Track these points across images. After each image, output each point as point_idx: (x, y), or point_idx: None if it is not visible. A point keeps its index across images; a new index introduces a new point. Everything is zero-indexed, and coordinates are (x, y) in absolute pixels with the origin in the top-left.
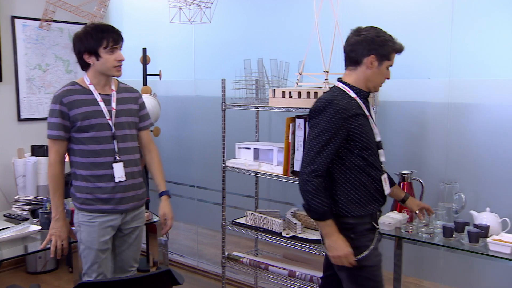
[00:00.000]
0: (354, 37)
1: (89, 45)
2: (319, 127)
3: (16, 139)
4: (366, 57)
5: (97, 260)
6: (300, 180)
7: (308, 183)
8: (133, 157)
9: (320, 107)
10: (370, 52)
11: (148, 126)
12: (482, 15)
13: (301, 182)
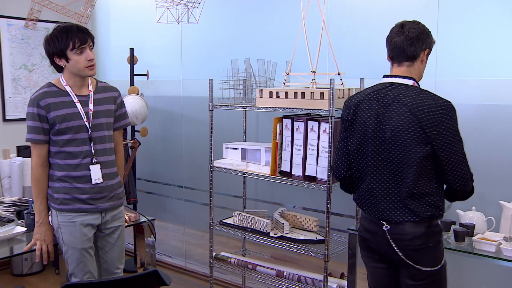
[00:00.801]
0: (411, 31)
1: (56, 48)
2: (458, 130)
3: (2, 140)
4: (422, 51)
5: (83, 259)
6: (470, 185)
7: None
8: (110, 158)
9: (453, 110)
10: (425, 46)
11: (122, 126)
12: (467, 16)
13: (471, 188)
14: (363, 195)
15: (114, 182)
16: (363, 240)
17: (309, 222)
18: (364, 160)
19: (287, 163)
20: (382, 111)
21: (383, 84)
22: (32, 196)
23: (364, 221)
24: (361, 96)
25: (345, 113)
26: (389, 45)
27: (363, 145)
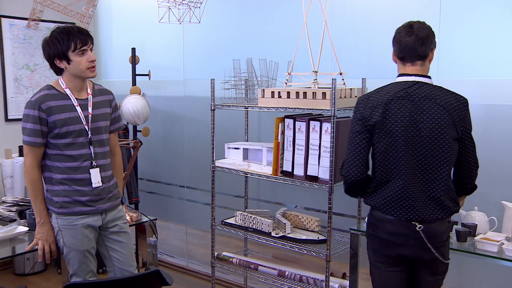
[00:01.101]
0: (422, 31)
1: (57, 50)
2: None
3: (4, 140)
4: (431, 50)
5: (85, 260)
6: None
7: None
8: (108, 161)
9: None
10: (433, 45)
11: (118, 129)
12: (468, 17)
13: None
14: (391, 197)
15: (111, 184)
16: (386, 243)
17: (311, 222)
18: (392, 162)
19: (289, 163)
20: (415, 110)
21: (406, 83)
22: (30, 198)
23: (388, 225)
24: (389, 96)
25: (368, 113)
26: (399, 45)
27: (393, 145)
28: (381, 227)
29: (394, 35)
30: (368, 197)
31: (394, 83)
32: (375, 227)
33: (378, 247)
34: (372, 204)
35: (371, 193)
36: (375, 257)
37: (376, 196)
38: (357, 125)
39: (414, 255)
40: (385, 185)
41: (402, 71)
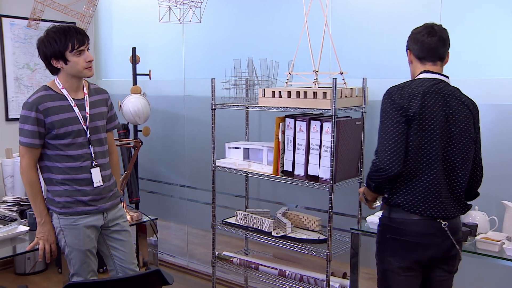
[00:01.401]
0: (443, 32)
1: (54, 50)
2: None
3: (4, 139)
4: (448, 53)
5: (86, 260)
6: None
7: None
8: (107, 160)
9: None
10: (449, 47)
11: (114, 127)
12: (468, 17)
13: None
14: (419, 194)
15: (111, 183)
16: (414, 247)
17: (311, 221)
18: (424, 156)
19: (290, 162)
20: (446, 106)
21: (432, 79)
22: (29, 199)
23: (413, 226)
24: (424, 89)
25: (406, 102)
26: (420, 45)
27: (429, 139)
28: (406, 230)
29: (413, 35)
30: (393, 194)
31: (421, 78)
32: (398, 231)
33: (404, 252)
34: (397, 202)
35: (396, 189)
36: (397, 263)
37: (402, 193)
38: (395, 115)
39: (440, 254)
40: (412, 180)
41: (423, 69)
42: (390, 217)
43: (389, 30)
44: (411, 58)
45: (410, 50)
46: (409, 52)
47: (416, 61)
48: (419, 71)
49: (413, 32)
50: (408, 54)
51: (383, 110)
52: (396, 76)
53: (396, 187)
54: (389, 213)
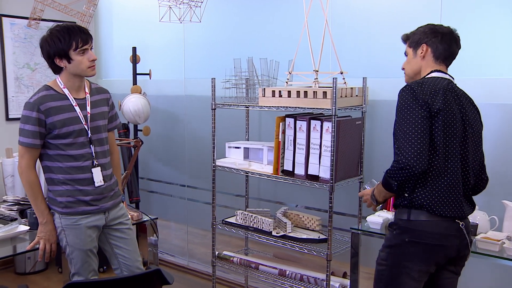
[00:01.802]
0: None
1: (58, 48)
2: None
3: (4, 139)
4: None
5: (88, 260)
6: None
7: None
8: (108, 159)
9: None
10: None
11: (115, 127)
12: (470, 14)
13: None
14: (440, 193)
15: (112, 182)
16: (436, 249)
17: (311, 221)
18: (446, 154)
19: (290, 162)
20: (461, 106)
21: (444, 79)
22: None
23: (436, 228)
24: (442, 86)
25: (430, 98)
26: (447, 49)
27: (452, 137)
28: (428, 232)
29: (440, 34)
30: (416, 194)
31: (435, 77)
32: (418, 234)
33: (426, 255)
34: (421, 203)
35: (420, 189)
36: (417, 266)
37: (427, 192)
38: (419, 109)
39: (457, 254)
40: (437, 179)
41: (434, 68)
42: (409, 219)
43: (389, 30)
44: (427, 54)
45: (429, 46)
46: (426, 47)
47: (431, 59)
48: (430, 70)
49: (437, 30)
50: (423, 49)
51: (404, 106)
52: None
53: (419, 186)
54: (409, 215)
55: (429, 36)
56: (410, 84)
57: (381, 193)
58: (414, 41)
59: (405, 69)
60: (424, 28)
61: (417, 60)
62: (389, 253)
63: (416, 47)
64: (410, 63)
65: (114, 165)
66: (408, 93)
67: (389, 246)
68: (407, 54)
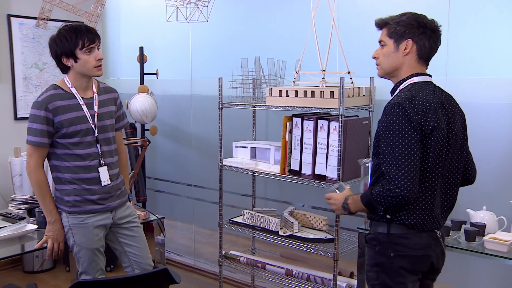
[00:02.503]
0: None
1: (65, 47)
2: None
3: (13, 138)
4: None
5: (95, 258)
6: None
7: None
8: (115, 159)
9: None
10: None
11: (123, 126)
12: (479, 13)
13: None
14: (426, 212)
15: (119, 181)
16: (421, 259)
17: (318, 221)
18: (435, 173)
19: (297, 161)
20: (448, 119)
21: (430, 83)
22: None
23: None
24: (432, 99)
25: (422, 118)
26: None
27: (438, 155)
28: (411, 243)
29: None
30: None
31: (423, 82)
32: (401, 247)
33: (414, 265)
34: (407, 225)
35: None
36: (410, 278)
37: (411, 213)
38: (412, 133)
39: (438, 263)
40: (421, 199)
41: (418, 70)
42: (390, 233)
43: None
44: (410, 50)
45: (415, 43)
46: (412, 43)
47: (414, 57)
48: (410, 71)
49: (427, 25)
50: (407, 45)
51: (396, 128)
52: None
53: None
54: (389, 229)
55: (415, 31)
56: (401, 102)
57: (357, 207)
58: (397, 33)
59: (380, 62)
60: (408, 19)
61: (399, 56)
62: (378, 271)
63: (399, 40)
64: (388, 57)
65: (122, 164)
66: (401, 114)
67: (376, 264)
68: (384, 44)
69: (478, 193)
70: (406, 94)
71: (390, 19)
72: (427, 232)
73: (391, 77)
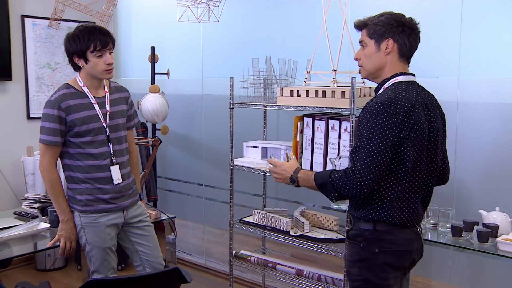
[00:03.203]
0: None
1: (76, 47)
2: None
3: (26, 138)
4: None
5: (107, 257)
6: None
7: None
8: (126, 158)
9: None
10: None
11: (134, 125)
12: (491, 12)
13: None
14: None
15: (130, 180)
16: (405, 254)
17: (329, 221)
18: (416, 172)
19: (308, 162)
20: (429, 118)
21: (413, 83)
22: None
23: (401, 234)
24: (414, 99)
25: (401, 120)
26: (414, 44)
27: (420, 154)
28: (396, 239)
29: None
30: (385, 215)
31: (407, 82)
32: (387, 243)
33: (398, 261)
34: (392, 223)
35: (385, 208)
36: (390, 275)
37: (395, 211)
38: (388, 131)
39: (419, 258)
40: (403, 199)
41: (401, 69)
42: (376, 229)
43: None
44: (391, 50)
45: (396, 42)
46: (392, 42)
47: (396, 56)
48: (394, 71)
49: (405, 23)
50: (388, 44)
51: (373, 126)
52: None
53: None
54: (374, 226)
55: (395, 30)
56: (383, 102)
57: (307, 183)
58: (377, 33)
59: (363, 63)
60: (387, 19)
61: (380, 56)
62: (361, 267)
63: (379, 40)
64: (371, 58)
65: (133, 163)
66: (381, 114)
67: (360, 260)
68: (365, 45)
69: (490, 194)
70: (389, 94)
71: (368, 20)
72: (410, 228)
73: (374, 78)
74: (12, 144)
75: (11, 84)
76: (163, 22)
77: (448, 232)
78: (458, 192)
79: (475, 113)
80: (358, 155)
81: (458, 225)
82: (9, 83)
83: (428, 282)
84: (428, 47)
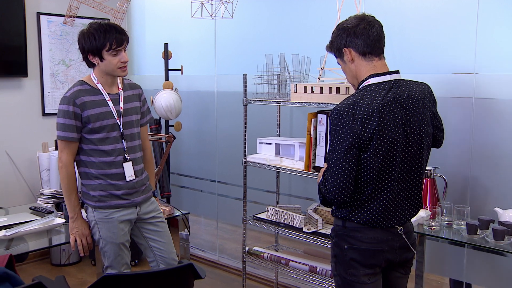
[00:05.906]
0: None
1: (92, 46)
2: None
3: (41, 134)
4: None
5: (120, 253)
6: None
7: None
8: (139, 154)
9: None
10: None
11: (147, 122)
12: (508, 8)
13: None
14: (378, 212)
15: (143, 177)
16: (373, 253)
17: None
18: (385, 176)
19: (321, 158)
20: (405, 115)
21: (385, 84)
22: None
23: (370, 233)
24: (378, 103)
25: (359, 126)
26: (365, 38)
27: (389, 160)
28: (364, 237)
29: (350, 29)
30: (352, 215)
31: (372, 85)
32: (355, 240)
33: (366, 259)
34: (360, 223)
35: (355, 210)
36: (363, 271)
37: (360, 213)
38: (346, 140)
39: (399, 258)
40: (370, 201)
41: (372, 71)
42: (345, 226)
43: (423, 25)
44: (352, 56)
45: (350, 48)
46: (348, 50)
47: (359, 58)
48: (367, 73)
49: (347, 26)
50: (347, 54)
51: (332, 133)
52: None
53: (353, 209)
54: (344, 223)
55: (344, 38)
56: (339, 109)
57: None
58: (336, 50)
59: (346, 79)
60: (336, 33)
61: (349, 67)
62: (336, 262)
63: (341, 55)
64: (346, 72)
65: (147, 160)
66: (337, 121)
67: (334, 255)
68: (339, 63)
69: (507, 191)
70: (350, 99)
71: (328, 44)
72: (384, 229)
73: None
74: (27, 140)
75: (26, 81)
76: (176, 19)
77: (463, 230)
78: (473, 190)
79: (490, 109)
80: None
81: (473, 223)
82: (24, 80)
83: (442, 280)
84: (444, 44)
